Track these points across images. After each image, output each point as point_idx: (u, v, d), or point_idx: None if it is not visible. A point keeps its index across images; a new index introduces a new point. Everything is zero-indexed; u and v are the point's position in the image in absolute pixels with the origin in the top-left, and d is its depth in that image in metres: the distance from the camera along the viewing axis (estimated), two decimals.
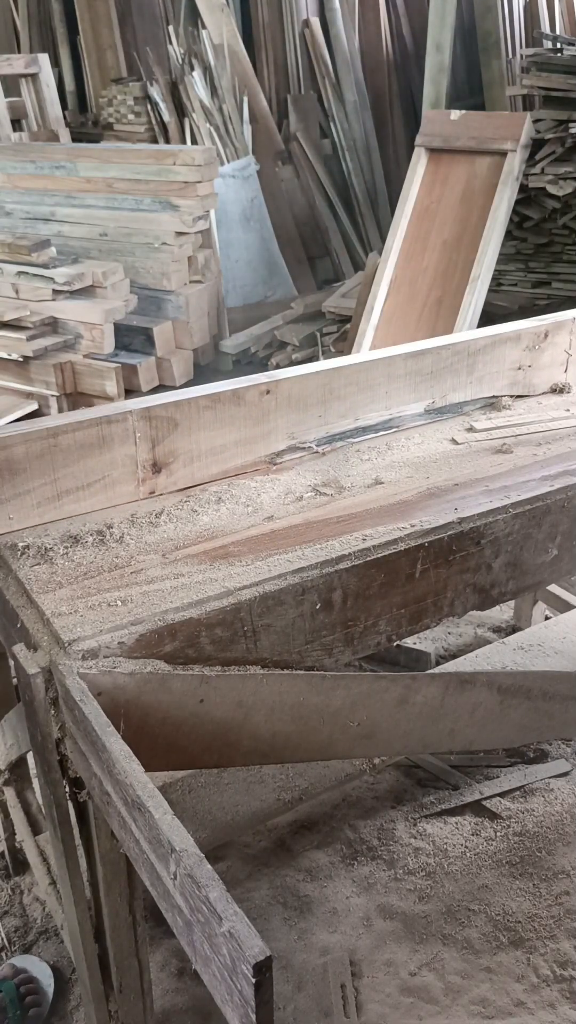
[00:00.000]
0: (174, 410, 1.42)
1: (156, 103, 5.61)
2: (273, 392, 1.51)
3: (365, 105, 6.09)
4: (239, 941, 0.71)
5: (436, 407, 1.72)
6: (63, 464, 1.35)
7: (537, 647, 1.91)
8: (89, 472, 1.38)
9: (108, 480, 1.40)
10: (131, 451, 1.40)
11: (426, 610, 1.36)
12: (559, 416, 1.71)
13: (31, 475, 1.33)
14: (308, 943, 1.74)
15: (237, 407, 1.48)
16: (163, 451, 1.44)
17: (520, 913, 1.79)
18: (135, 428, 1.39)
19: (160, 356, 4.26)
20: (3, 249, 4.03)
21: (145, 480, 1.44)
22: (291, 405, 1.54)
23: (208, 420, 1.46)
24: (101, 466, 1.39)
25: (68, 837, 1.19)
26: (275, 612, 1.19)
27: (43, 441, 1.32)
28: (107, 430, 1.37)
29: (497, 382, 1.78)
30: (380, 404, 1.65)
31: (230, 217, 5.12)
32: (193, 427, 1.45)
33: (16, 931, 1.80)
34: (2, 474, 1.30)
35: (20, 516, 1.34)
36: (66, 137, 5.50)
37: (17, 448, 1.30)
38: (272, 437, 1.55)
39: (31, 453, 1.31)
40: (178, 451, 1.45)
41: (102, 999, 1.35)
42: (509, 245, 4.23)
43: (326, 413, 1.59)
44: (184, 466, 1.47)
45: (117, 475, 1.41)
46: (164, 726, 1.09)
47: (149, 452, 1.42)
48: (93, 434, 1.36)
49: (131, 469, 1.42)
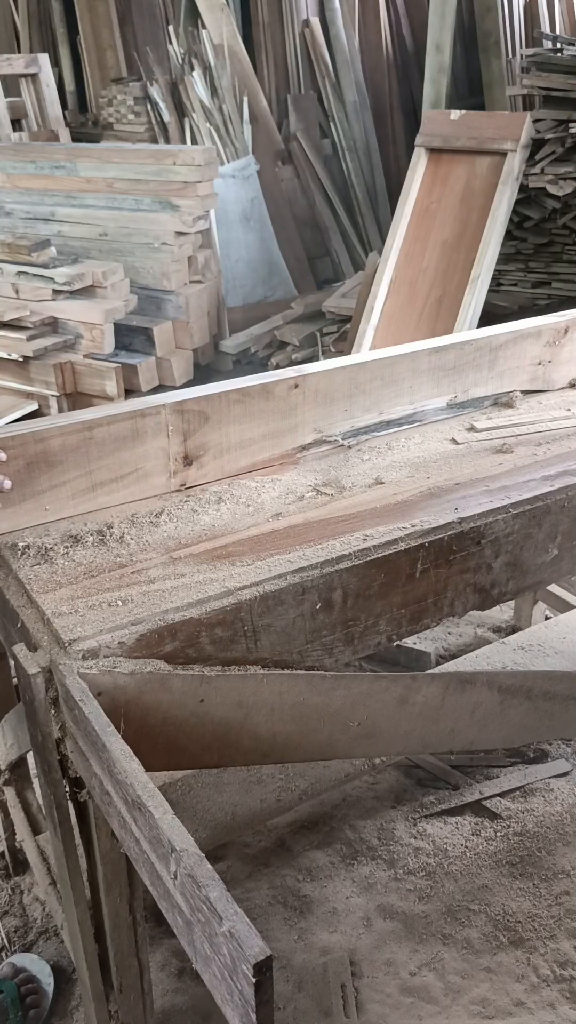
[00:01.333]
0: (205, 404, 1.45)
1: (156, 103, 5.61)
2: (301, 386, 1.53)
3: (365, 105, 6.09)
4: (239, 941, 0.71)
5: (458, 401, 1.74)
6: (98, 456, 1.37)
7: (537, 647, 1.91)
8: (123, 464, 1.40)
9: (141, 472, 1.42)
10: (163, 444, 1.43)
11: (426, 610, 1.36)
12: (560, 416, 1.71)
13: (67, 467, 1.35)
14: (308, 943, 1.74)
15: (266, 401, 1.50)
16: (194, 444, 1.46)
17: (520, 913, 1.79)
18: (168, 421, 1.42)
19: (160, 356, 4.26)
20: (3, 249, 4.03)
21: (176, 473, 1.46)
22: (318, 399, 1.56)
23: (238, 414, 1.48)
24: (134, 458, 1.41)
25: (68, 837, 1.19)
26: (275, 612, 1.19)
27: (79, 434, 1.34)
28: (141, 423, 1.39)
29: (517, 377, 1.80)
30: (404, 398, 1.67)
31: (230, 217, 5.12)
32: (223, 420, 1.47)
33: (16, 931, 1.80)
34: (40, 466, 1.32)
35: (55, 507, 1.36)
36: (66, 137, 5.50)
37: (54, 441, 1.32)
38: (299, 431, 1.57)
39: (67, 445, 1.34)
40: (208, 444, 1.48)
41: (102, 999, 1.35)
42: (509, 245, 4.23)
43: (352, 407, 1.61)
44: (214, 459, 1.49)
45: (150, 467, 1.43)
46: (164, 726, 1.09)
47: (181, 445, 1.45)
48: (127, 427, 1.38)
49: (163, 462, 1.44)
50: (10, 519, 1.32)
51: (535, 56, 4.23)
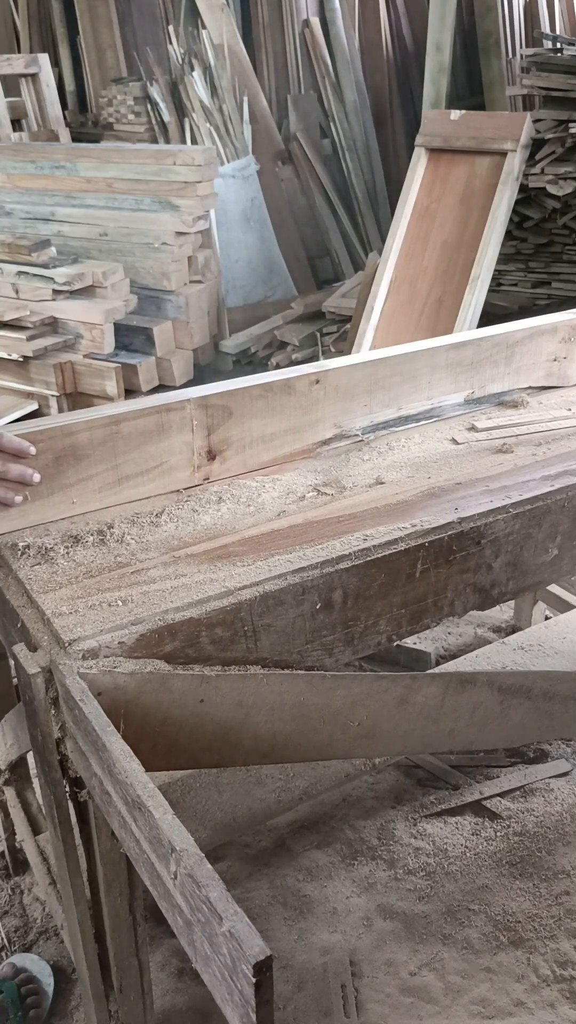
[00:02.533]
0: (229, 399, 1.46)
1: (156, 103, 5.61)
2: (322, 382, 1.54)
3: (365, 105, 6.09)
4: (239, 941, 0.71)
5: (475, 397, 1.75)
6: (124, 450, 1.38)
7: (537, 647, 1.91)
8: (148, 458, 1.41)
9: (166, 467, 1.44)
10: (188, 439, 1.44)
11: (426, 610, 1.36)
12: (560, 416, 1.71)
13: (94, 461, 1.36)
14: (308, 943, 1.74)
15: (288, 396, 1.52)
16: (218, 439, 1.47)
17: (520, 913, 1.79)
18: (192, 416, 1.43)
19: (160, 356, 4.26)
20: (3, 249, 4.03)
21: (200, 467, 1.48)
22: (338, 394, 1.58)
23: (260, 408, 1.50)
24: (159, 453, 1.42)
25: (68, 837, 1.19)
26: (275, 612, 1.19)
27: (106, 428, 1.35)
28: (166, 418, 1.41)
29: (533, 373, 1.82)
30: (423, 394, 1.68)
31: (230, 217, 5.12)
32: (246, 415, 1.49)
33: (16, 931, 1.80)
34: (68, 459, 1.33)
35: (82, 500, 1.37)
36: (66, 137, 5.50)
37: (82, 435, 1.33)
38: (320, 426, 1.58)
39: (95, 440, 1.35)
40: (232, 439, 1.49)
41: (102, 999, 1.35)
42: (509, 245, 4.23)
43: (371, 402, 1.62)
44: (237, 453, 1.51)
45: (174, 461, 1.44)
46: (164, 726, 1.09)
47: (205, 439, 1.46)
48: (153, 422, 1.39)
49: (187, 456, 1.45)
50: (39, 512, 1.34)
51: (535, 56, 4.23)
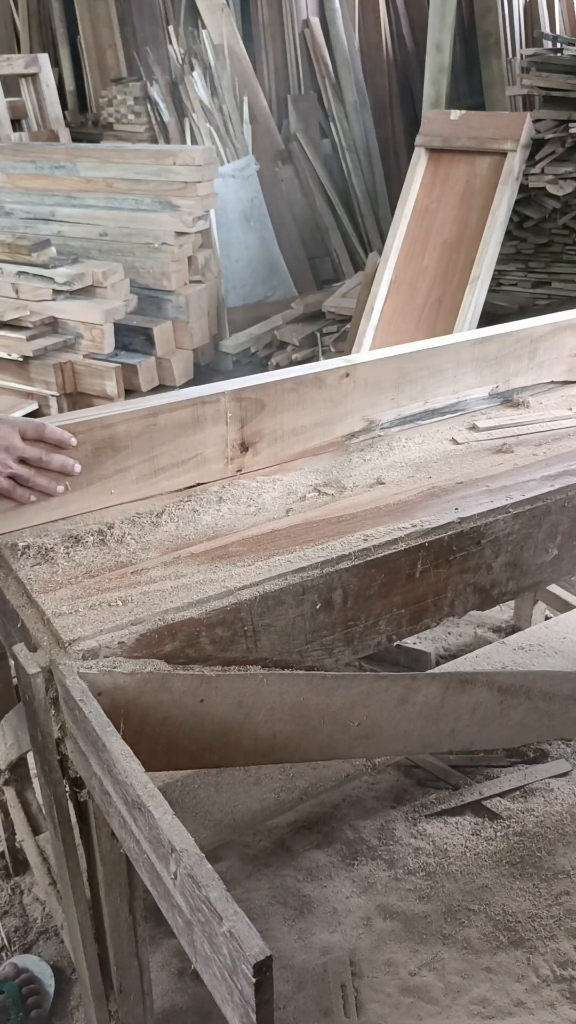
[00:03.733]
0: (261, 392, 1.49)
1: (156, 103, 5.61)
2: (352, 375, 1.57)
3: (365, 105, 6.09)
4: (239, 941, 0.71)
5: (499, 391, 1.78)
6: (160, 442, 1.41)
7: (537, 647, 1.91)
8: (183, 450, 1.44)
9: (200, 458, 1.46)
10: (222, 431, 1.47)
11: (426, 610, 1.36)
12: (561, 415, 1.71)
13: (132, 452, 1.38)
14: (308, 943, 1.74)
15: (318, 390, 1.54)
16: (250, 431, 1.50)
17: (520, 913, 1.79)
18: (227, 409, 1.45)
19: (160, 356, 4.26)
20: (3, 249, 4.03)
21: (233, 459, 1.50)
22: (367, 388, 1.60)
23: (291, 402, 1.52)
24: (194, 445, 1.45)
25: (68, 837, 1.19)
26: (275, 612, 1.19)
27: (143, 420, 1.38)
28: (201, 410, 1.43)
29: (556, 368, 1.84)
30: (448, 388, 1.71)
31: (230, 217, 5.12)
32: (278, 408, 1.51)
33: (16, 931, 1.80)
34: (106, 451, 1.35)
35: (120, 491, 1.40)
36: (66, 137, 5.50)
37: (120, 427, 1.35)
38: (349, 419, 1.61)
39: (132, 432, 1.37)
40: (264, 431, 1.52)
41: (102, 999, 1.35)
42: (509, 245, 4.23)
43: (399, 396, 1.65)
44: (268, 445, 1.53)
45: (208, 453, 1.47)
46: (164, 726, 1.09)
47: (238, 432, 1.48)
48: (188, 414, 1.42)
49: (221, 448, 1.48)
50: (78, 502, 1.36)
51: (535, 56, 4.23)
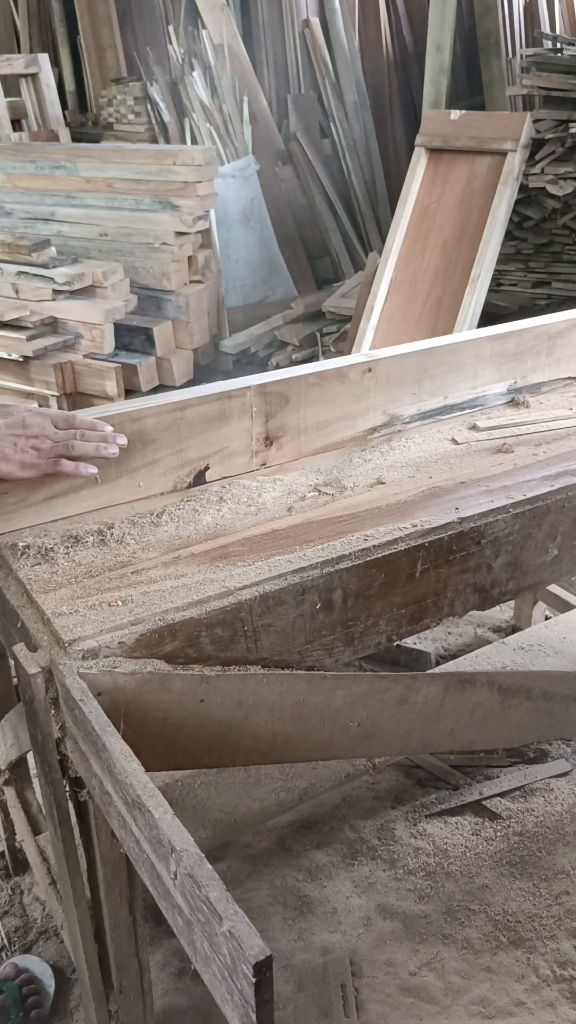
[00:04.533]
0: (286, 387, 1.50)
1: (156, 103, 5.61)
2: (374, 370, 1.58)
3: (365, 105, 6.09)
4: (239, 941, 0.71)
5: (517, 387, 1.80)
6: (188, 436, 1.42)
7: (537, 647, 1.91)
8: (210, 444, 1.45)
9: (226, 452, 1.48)
10: (247, 425, 1.48)
11: (426, 610, 1.36)
12: (561, 415, 1.71)
13: (160, 445, 1.40)
14: (308, 943, 1.74)
15: (341, 384, 1.56)
16: (274, 425, 1.51)
17: (520, 913, 1.79)
18: (252, 403, 1.47)
19: (160, 356, 4.26)
20: (3, 249, 4.03)
21: (258, 452, 1.52)
22: (389, 383, 1.62)
23: (315, 396, 1.54)
24: (220, 438, 1.46)
25: (68, 837, 1.19)
26: (275, 612, 1.19)
27: (171, 414, 1.39)
28: (227, 405, 1.44)
29: (573, 363, 1.86)
30: (467, 383, 1.73)
31: (230, 217, 5.12)
32: (302, 403, 1.53)
33: (16, 931, 1.80)
34: (135, 444, 1.37)
35: (148, 484, 1.41)
36: (66, 137, 5.50)
37: (149, 420, 1.37)
38: (371, 413, 1.63)
39: (160, 425, 1.39)
40: (288, 425, 1.53)
41: (102, 999, 1.35)
42: (509, 245, 4.23)
43: (420, 391, 1.67)
44: (292, 440, 1.55)
45: (234, 447, 1.48)
46: (164, 726, 1.09)
47: (263, 426, 1.50)
48: (215, 408, 1.43)
49: (246, 442, 1.49)
50: (107, 494, 1.38)
51: (535, 56, 4.23)
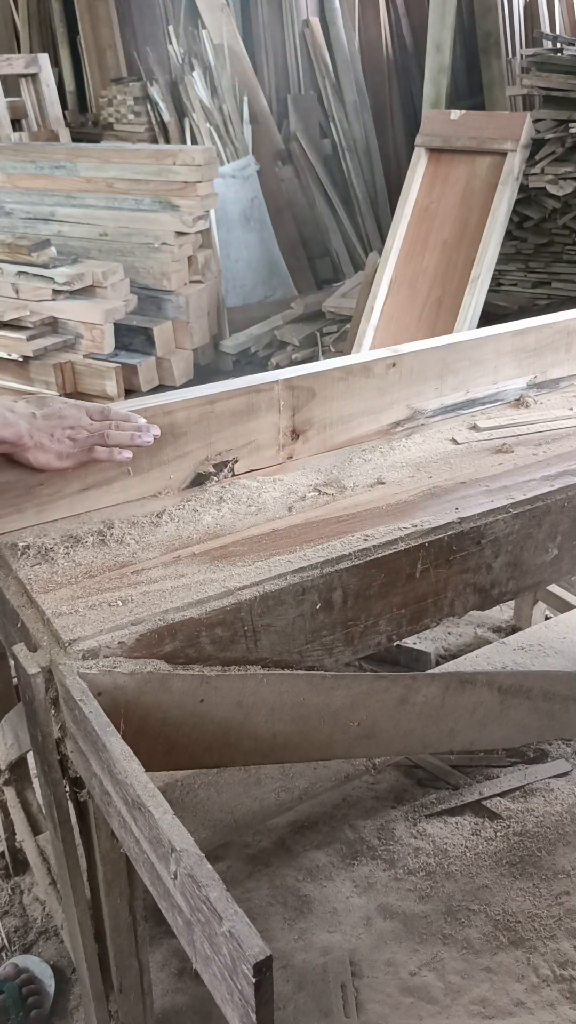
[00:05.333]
0: (312, 381, 1.52)
1: (156, 103, 5.61)
2: (398, 365, 1.60)
3: (365, 105, 6.09)
4: (239, 941, 0.71)
5: (537, 382, 1.82)
6: (217, 429, 1.44)
7: (537, 647, 1.91)
8: (238, 437, 1.47)
9: (253, 445, 1.49)
10: (275, 419, 1.50)
11: (426, 610, 1.36)
12: (561, 415, 1.71)
13: (190, 438, 1.42)
14: (308, 943, 1.74)
15: (366, 379, 1.57)
16: (301, 419, 1.53)
17: (520, 913, 1.79)
18: (280, 397, 1.49)
19: (160, 356, 4.26)
20: (3, 249, 4.03)
21: (284, 446, 1.53)
22: (412, 377, 1.64)
23: (341, 390, 1.56)
24: (248, 432, 1.48)
25: (68, 837, 1.19)
26: (275, 612, 1.19)
27: (201, 408, 1.41)
28: (255, 398, 1.46)
29: None
30: (488, 378, 1.75)
31: (230, 217, 5.12)
32: (328, 397, 1.55)
33: (16, 931, 1.80)
34: (166, 437, 1.38)
35: (178, 477, 1.44)
36: (66, 137, 5.50)
37: (179, 414, 1.39)
38: (394, 407, 1.65)
39: (191, 418, 1.40)
40: (314, 419, 1.55)
41: (102, 999, 1.35)
42: (509, 245, 4.23)
43: (442, 386, 1.69)
44: (318, 433, 1.56)
45: (262, 440, 1.50)
46: (164, 726, 1.09)
47: (290, 419, 1.52)
48: (244, 402, 1.45)
49: (273, 435, 1.51)
50: (138, 486, 1.39)
51: (535, 56, 4.24)
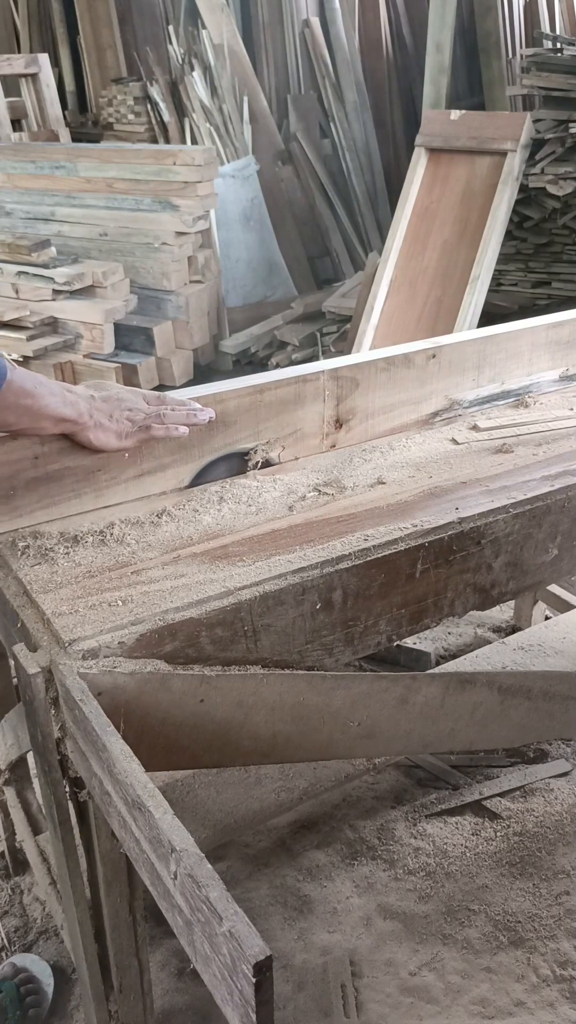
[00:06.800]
0: (356, 371, 1.55)
1: (156, 103, 5.61)
2: (438, 356, 1.63)
3: (365, 105, 6.09)
4: (239, 941, 0.71)
5: (569, 374, 1.86)
6: (265, 418, 1.47)
7: (537, 647, 1.91)
8: (284, 426, 1.50)
9: (299, 434, 1.52)
10: (320, 408, 1.53)
11: (426, 610, 1.36)
12: (562, 415, 1.71)
13: (240, 427, 1.45)
14: (308, 943, 1.74)
15: (407, 369, 1.60)
16: (345, 408, 1.56)
17: (520, 913, 1.79)
18: (325, 386, 1.51)
19: (160, 356, 4.26)
20: (3, 249, 4.03)
21: (328, 435, 1.56)
22: (451, 369, 1.67)
23: (383, 381, 1.58)
24: (294, 421, 1.51)
25: (68, 837, 1.19)
26: (275, 612, 1.19)
27: (251, 397, 1.44)
28: (302, 388, 1.49)
29: None
30: (523, 370, 1.78)
31: (230, 217, 5.12)
32: (371, 387, 1.57)
33: (16, 931, 1.80)
34: (218, 425, 1.41)
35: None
36: (66, 137, 5.50)
37: (230, 402, 1.42)
38: (433, 398, 1.68)
39: (241, 407, 1.43)
40: (357, 409, 1.58)
41: (102, 999, 1.35)
42: (509, 245, 4.23)
43: (479, 377, 1.72)
44: (360, 423, 1.59)
45: (307, 429, 1.53)
46: (164, 726, 1.09)
47: (334, 409, 1.55)
48: (291, 391, 1.48)
49: (318, 424, 1.54)
50: (190, 475, 1.43)
51: (535, 56, 4.24)
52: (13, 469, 1.26)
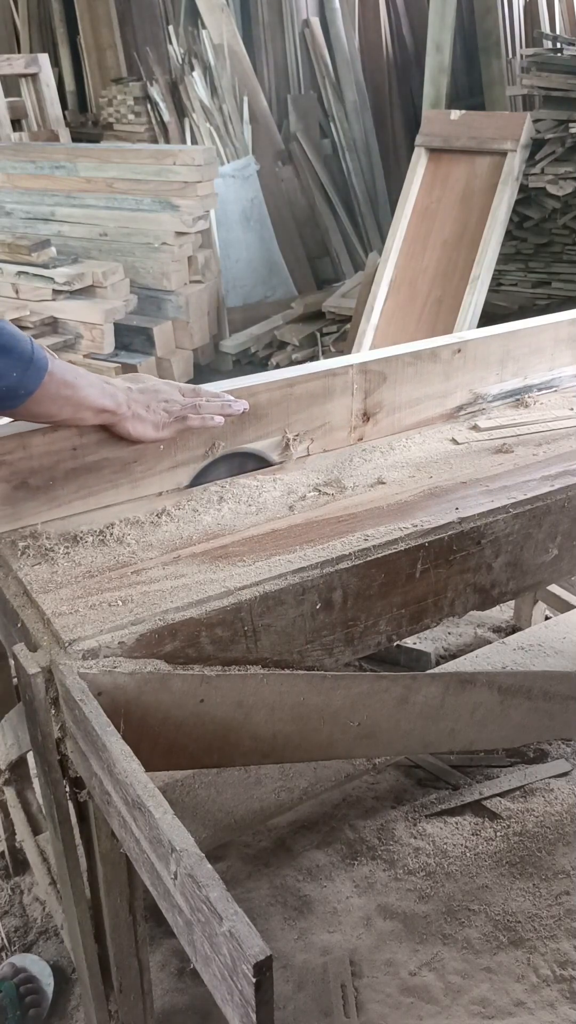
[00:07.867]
0: (384, 365, 1.57)
1: (156, 103, 5.61)
2: (463, 351, 1.65)
3: (365, 105, 6.09)
4: (239, 941, 0.71)
5: None
6: (295, 411, 1.49)
7: (537, 647, 1.91)
8: (314, 419, 1.53)
9: (328, 427, 1.55)
10: (348, 401, 1.55)
11: (426, 610, 1.36)
12: (562, 415, 1.71)
13: (271, 419, 1.48)
14: (308, 943, 1.74)
15: (433, 364, 1.63)
16: (372, 402, 1.58)
17: (520, 913, 1.79)
18: (353, 380, 1.54)
19: (160, 356, 4.26)
20: (3, 249, 4.03)
21: (356, 428, 1.58)
22: (476, 363, 1.69)
23: (410, 375, 1.61)
24: (323, 414, 1.53)
25: (68, 837, 1.19)
26: (275, 612, 1.19)
27: (282, 390, 1.47)
28: (331, 382, 1.52)
29: None
30: (545, 365, 1.81)
31: (230, 217, 5.12)
32: (398, 381, 1.60)
33: (16, 931, 1.80)
34: (250, 418, 1.44)
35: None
36: (66, 137, 5.50)
37: (262, 395, 1.44)
38: (458, 392, 1.70)
39: (272, 400, 1.45)
40: (384, 402, 1.60)
41: (102, 999, 1.34)
42: (509, 245, 4.23)
43: (503, 372, 1.74)
44: (387, 416, 1.62)
45: (335, 422, 1.56)
46: (164, 726, 1.09)
47: (362, 402, 1.57)
48: (320, 385, 1.50)
49: (346, 417, 1.56)
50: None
51: (535, 56, 4.24)
52: (53, 460, 1.28)
